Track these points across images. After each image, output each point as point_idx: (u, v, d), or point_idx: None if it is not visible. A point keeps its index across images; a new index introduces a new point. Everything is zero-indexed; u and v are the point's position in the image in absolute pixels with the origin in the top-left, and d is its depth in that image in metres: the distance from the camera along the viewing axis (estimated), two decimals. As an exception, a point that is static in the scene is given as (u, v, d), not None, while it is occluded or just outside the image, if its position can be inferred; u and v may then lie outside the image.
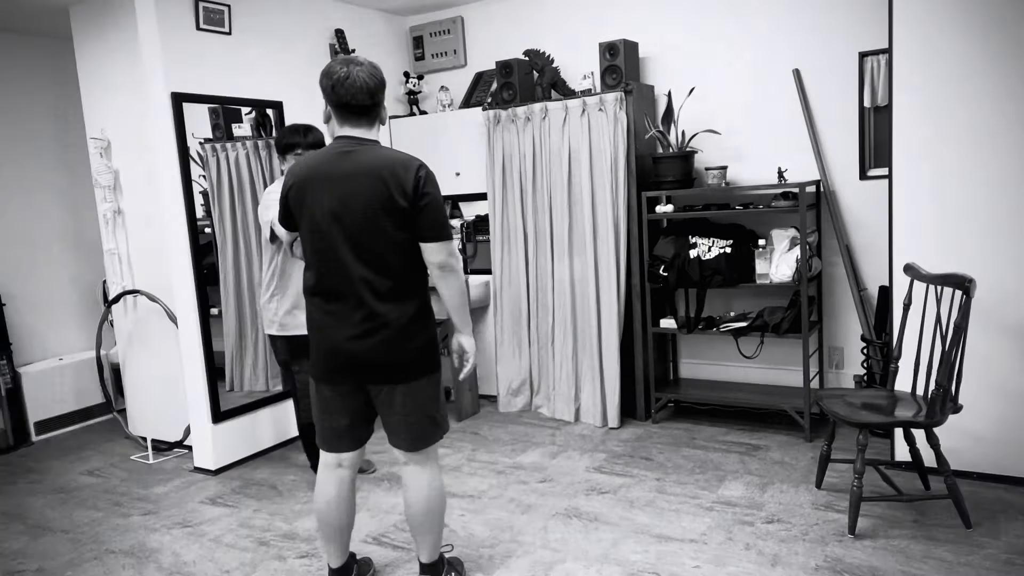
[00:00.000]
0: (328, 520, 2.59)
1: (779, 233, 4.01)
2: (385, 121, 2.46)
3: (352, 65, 2.32)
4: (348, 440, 2.55)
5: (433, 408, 2.50)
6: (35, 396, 4.84)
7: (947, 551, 2.75)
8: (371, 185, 2.28)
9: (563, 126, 4.33)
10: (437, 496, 2.56)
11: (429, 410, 2.48)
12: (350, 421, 2.52)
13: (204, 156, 4.00)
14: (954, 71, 3.13)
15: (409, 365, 2.42)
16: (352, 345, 2.39)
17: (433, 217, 2.33)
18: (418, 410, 2.46)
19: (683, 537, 2.99)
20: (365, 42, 4.92)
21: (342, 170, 2.32)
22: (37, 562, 3.17)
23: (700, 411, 4.51)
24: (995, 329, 3.17)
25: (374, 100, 2.35)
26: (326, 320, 2.42)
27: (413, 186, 2.29)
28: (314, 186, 2.35)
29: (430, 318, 2.47)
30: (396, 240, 2.33)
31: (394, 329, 2.37)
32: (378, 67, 2.38)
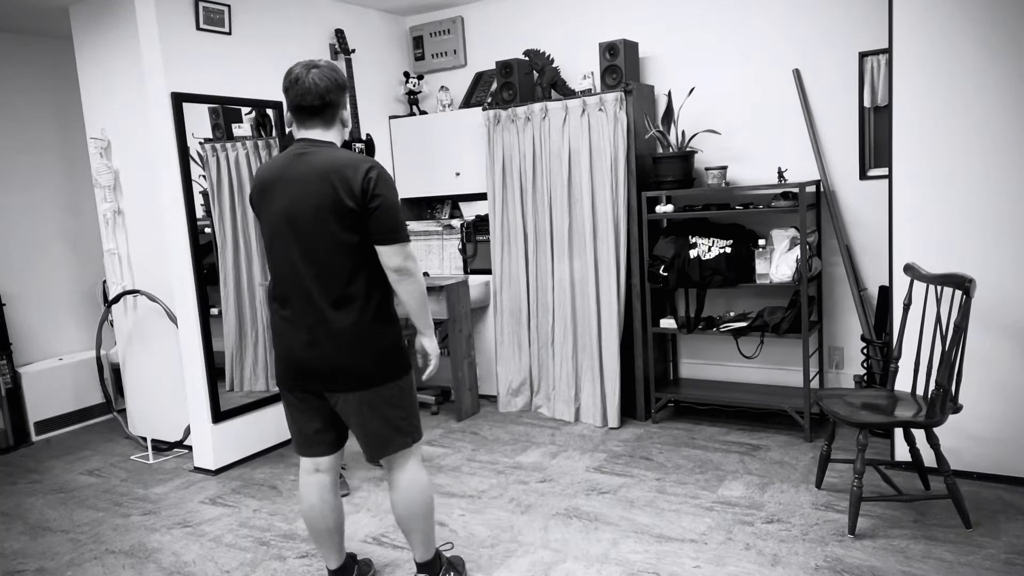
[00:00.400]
0: (315, 525, 2.58)
1: (779, 233, 4.01)
2: (347, 123, 2.41)
3: (308, 67, 2.30)
4: (320, 445, 2.52)
5: (396, 415, 2.43)
6: (35, 396, 4.85)
7: (947, 551, 2.75)
8: (320, 188, 2.23)
9: (563, 126, 4.33)
10: (417, 498, 2.50)
11: (391, 418, 2.42)
12: (320, 426, 2.49)
13: (204, 156, 4.00)
14: (954, 71, 3.13)
15: (364, 372, 2.35)
16: (304, 353, 2.35)
17: (384, 219, 2.25)
18: (377, 418, 2.40)
19: (683, 537, 2.99)
20: (365, 42, 4.93)
21: (295, 173, 2.29)
22: (37, 562, 3.17)
23: (700, 411, 4.51)
24: (995, 329, 3.17)
25: (324, 101, 2.30)
26: (282, 326, 2.40)
27: (361, 187, 2.22)
28: (271, 189, 2.34)
29: (389, 323, 2.40)
30: (347, 243, 2.27)
31: (346, 335, 2.31)
32: (336, 69, 2.35)
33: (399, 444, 2.45)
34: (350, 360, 2.33)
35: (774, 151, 4.21)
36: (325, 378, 2.37)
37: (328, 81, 2.30)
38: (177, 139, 3.83)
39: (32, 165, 5.06)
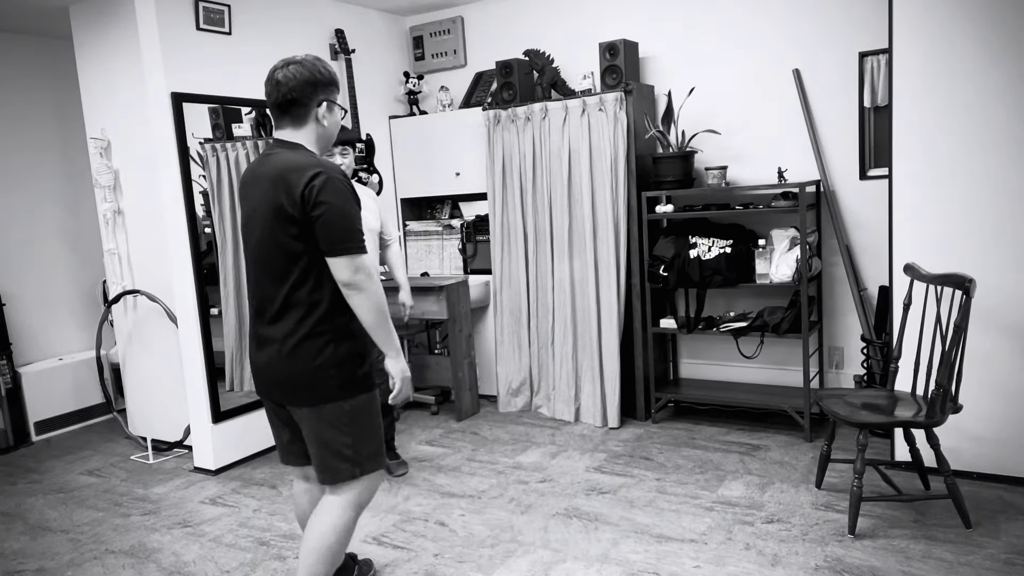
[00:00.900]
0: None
1: (779, 233, 4.01)
2: (324, 122, 2.23)
3: (285, 63, 2.19)
4: (294, 455, 2.44)
5: (340, 440, 2.23)
6: (35, 396, 4.85)
7: (947, 551, 2.75)
8: (271, 192, 2.12)
9: (563, 126, 4.33)
10: (330, 543, 2.28)
11: (332, 442, 2.23)
12: (290, 436, 2.40)
13: (204, 156, 4.00)
14: (954, 71, 3.13)
15: (301, 388, 2.20)
16: (257, 359, 2.28)
17: (328, 229, 2.08)
18: (318, 440, 2.24)
19: (683, 537, 2.99)
20: (365, 42, 4.93)
21: (258, 175, 2.20)
22: (37, 562, 3.17)
23: (700, 411, 4.51)
24: (995, 329, 3.17)
25: (289, 99, 2.17)
26: (248, 331, 2.35)
27: (302, 194, 2.07)
28: (241, 193, 2.30)
29: (339, 338, 2.18)
30: (291, 251, 2.13)
31: (285, 346, 2.17)
32: (313, 65, 2.19)
33: (345, 473, 2.26)
34: (287, 373, 2.20)
35: (774, 151, 4.21)
36: (274, 387, 2.27)
37: (295, 78, 2.16)
38: (177, 139, 3.83)
39: (32, 165, 5.06)
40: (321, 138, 2.25)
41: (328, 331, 2.17)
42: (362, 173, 4.74)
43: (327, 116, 2.23)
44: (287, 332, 2.17)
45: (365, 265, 2.13)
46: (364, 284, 2.12)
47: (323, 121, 2.23)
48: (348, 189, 2.14)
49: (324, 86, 2.20)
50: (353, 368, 2.21)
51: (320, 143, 2.26)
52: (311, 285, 2.15)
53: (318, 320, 2.16)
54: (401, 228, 5.23)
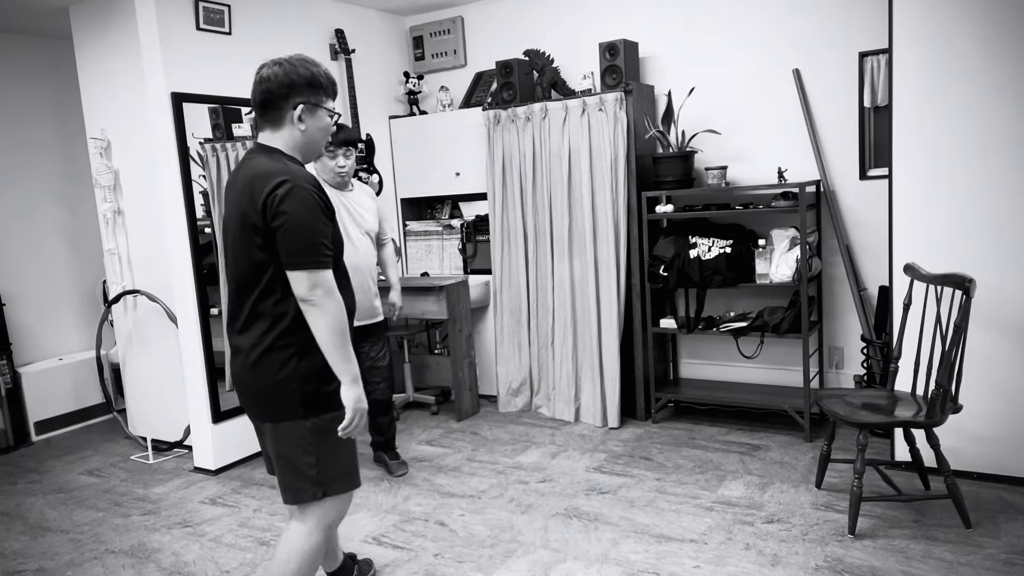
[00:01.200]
0: None
1: (779, 233, 4.01)
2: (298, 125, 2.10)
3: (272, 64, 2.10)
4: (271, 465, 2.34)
5: (303, 460, 2.12)
6: (35, 396, 4.85)
7: (947, 551, 2.75)
8: (240, 199, 2.06)
9: (563, 126, 4.33)
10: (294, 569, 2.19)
11: (294, 460, 2.13)
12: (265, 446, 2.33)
13: (204, 156, 4.00)
14: (954, 71, 3.13)
15: (262, 403, 2.13)
16: (231, 368, 2.22)
17: (287, 241, 1.99)
18: (279, 457, 2.16)
19: (683, 537, 2.99)
20: (365, 42, 4.93)
21: (234, 180, 2.13)
22: (37, 562, 3.17)
23: (700, 411, 4.51)
24: (995, 329, 3.17)
25: (265, 99, 2.08)
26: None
27: (263, 202, 1.98)
28: (224, 197, 2.24)
29: (304, 353, 2.08)
30: (257, 260, 2.05)
31: (249, 357, 2.10)
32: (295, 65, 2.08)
33: (307, 494, 2.16)
34: (250, 385, 2.14)
35: (774, 151, 4.21)
36: (241, 399, 2.21)
37: (271, 79, 2.06)
38: (177, 139, 3.83)
39: (32, 165, 5.06)
40: (302, 144, 2.14)
41: (293, 344, 2.07)
42: (362, 173, 4.74)
43: (308, 120, 2.11)
44: (252, 343, 2.09)
45: (324, 281, 2.01)
46: (321, 301, 2.01)
47: (300, 125, 2.10)
48: (315, 199, 2.02)
49: (302, 88, 2.08)
50: (318, 384, 2.09)
51: (302, 149, 2.15)
52: (277, 296, 2.06)
53: (282, 332, 2.07)
54: (401, 228, 5.23)
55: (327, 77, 2.14)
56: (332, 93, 2.16)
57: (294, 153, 2.13)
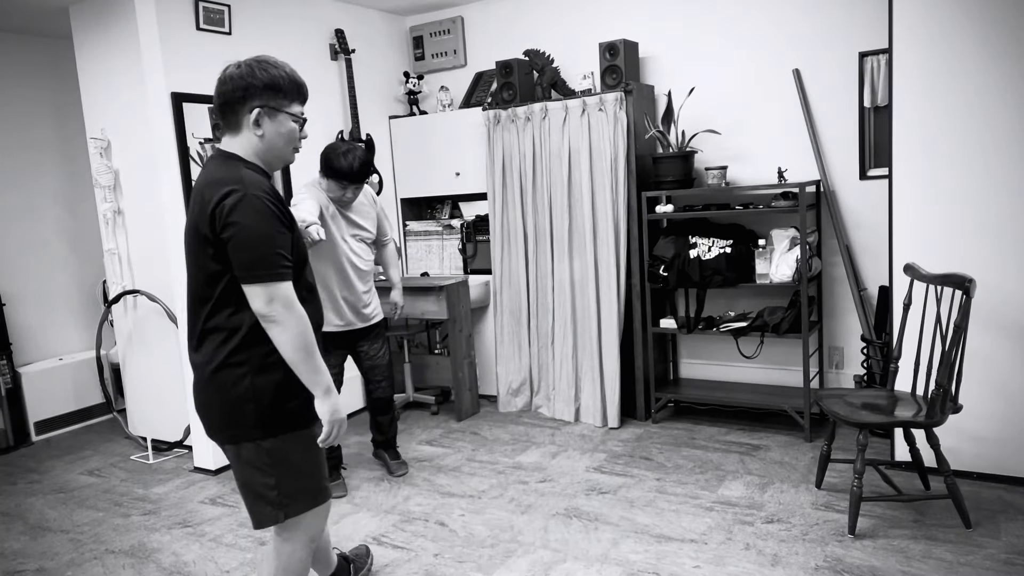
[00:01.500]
0: None
1: (779, 233, 4.01)
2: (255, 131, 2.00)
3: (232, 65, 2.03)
4: None
5: (261, 482, 2.01)
6: (35, 396, 4.85)
7: (947, 551, 2.75)
8: (193, 207, 1.96)
9: (563, 126, 4.33)
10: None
11: (252, 483, 2.03)
12: None
13: (204, 156, 4.00)
14: (954, 71, 3.13)
15: (222, 421, 2.00)
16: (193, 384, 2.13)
17: (238, 253, 1.87)
18: (239, 479, 2.06)
19: (683, 537, 2.99)
20: (365, 42, 4.93)
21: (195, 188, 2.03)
22: (37, 562, 3.17)
23: (700, 411, 4.51)
24: (995, 329, 3.17)
25: (221, 101, 2.00)
26: None
27: (211, 212, 1.88)
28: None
29: (260, 370, 1.95)
30: (211, 272, 1.94)
31: (202, 375, 2.00)
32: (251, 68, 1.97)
33: (269, 517, 2.05)
34: (205, 403, 2.03)
35: (774, 151, 4.21)
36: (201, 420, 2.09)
37: (228, 80, 1.97)
38: (177, 139, 3.83)
39: (32, 165, 5.06)
40: (262, 150, 2.01)
41: (247, 361, 1.94)
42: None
43: (266, 125, 1.98)
44: (206, 359, 1.98)
45: (282, 295, 1.89)
46: (280, 316, 1.88)
47: (257, 130, 1.98)
48: (269, 208, 1.89)
49: (259, 91, 1.96)
50: (277, 403, 1.96)
51: (262, 155, 2.02)
52: (231, 309, 1.94)
53: (236, 348, 1.94)
54: (401, 228, 5.23)
55: (290, 80, 2.00)
56: (298, 97, 2.03)
57: (255, 159, 2.01)
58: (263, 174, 2.01)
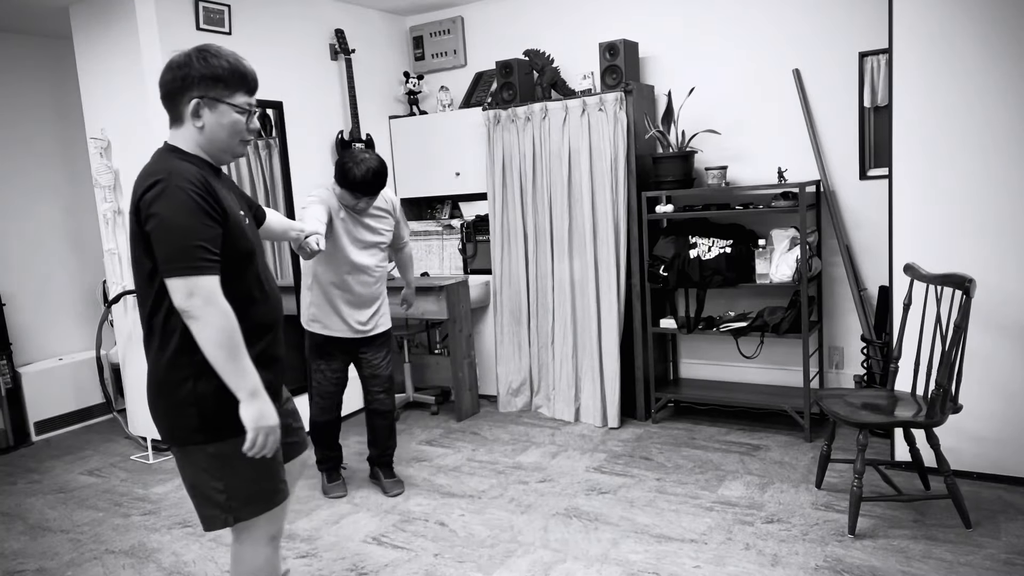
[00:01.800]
0: None
1: (779, 233, 4.01)
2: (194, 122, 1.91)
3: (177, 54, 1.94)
4: None
5: (209, 485, 1.94)
6: (35, 396, 4.84)
7: (947, 551, 2.75)
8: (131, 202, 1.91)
9: (563, 126, 4.33)
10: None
11: (199, 485, 1.96)
12: None
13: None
14: (954, 71, 3.12)
15: (167, 424, 1.93)
16: None
17: (159, 245, 1.80)
18: (188, 482, 1.98)
19: (683, 537, 2.99)
20: (365, 42, 4.93)
21: None
22: (37, 562, 3.17)
23: (700, 411, 4.51)
24: (995, 329, 3.17)
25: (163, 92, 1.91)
26: None
27: (136, 204, 1.84)
28: None
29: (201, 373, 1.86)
30: (145, 269, 1.87)
31: (150, 375, 1.93)
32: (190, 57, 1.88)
33: (218, 521, 1.98)
34: (151, 407, 1.96)
35: (774, 151, 4.21)
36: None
37: (169, 70, 1.89)
38: (177, 139, 3.82)
39: (32, 165, 5.06)
40: (204, 142, 1.93)
41: (187, 364, 1.86)
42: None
43: (207, 117, 1.90)
44: (151, 361, 1.92)
45: (202, 289, 1.78)
46: (199, 312, 1.78)
47: (196, 122, 1.90)
48: (193, 199, 1.80)
49: (198, 82, 1.87)
50: (221, 407, 1.87)
51: (205, 148, 1.94)
52: (167, 310, 1.86)
53: (176, 350, 1.87)
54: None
55: (233, 70, 1.90)
56: (242, 87, 1.93)
57: (197, 151, 1.94)
58: (207, 167, 1.94)
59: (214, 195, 1.86)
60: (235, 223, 1.91)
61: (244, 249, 1.94)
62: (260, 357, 1.94)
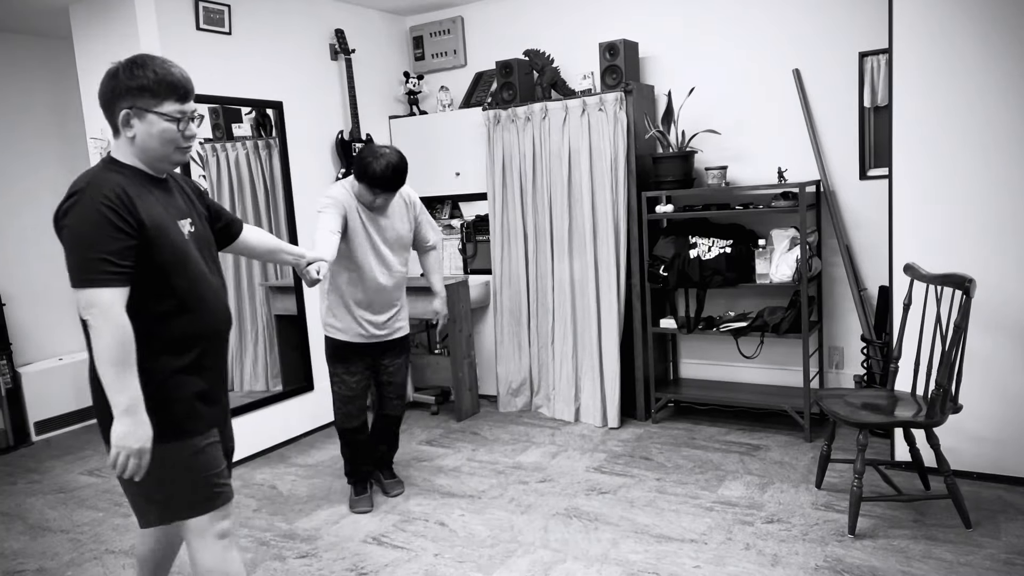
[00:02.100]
0: None
1: (779, 233, 4.01)
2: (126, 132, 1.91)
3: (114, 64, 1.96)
4: None
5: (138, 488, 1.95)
6: (35, 396, 4.84)
7: (947, 551, 2.75)
8: None
9: (563, 126, 4.33)
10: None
11: (131, 487, 1.97)
12: None
13: (204, 156, 4.00)
14: (954, 70, 3.12)
15: (101, 424, 1.94)
16: None
17: (67, 256, 1.82)
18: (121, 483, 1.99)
19: (683, 537, 2.99)
20: (365, 42, 4.93)
21: None
22: (37, 562, 3.17)
23: (700, 411, 4.51)
24: (996, 329, 3.17)
25: (100, 103, 1.93)
26: None
27: (55, 216, 1.86)
28: None
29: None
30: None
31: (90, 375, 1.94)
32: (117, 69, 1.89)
33: (154, 516, 2.01)
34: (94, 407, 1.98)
35: (774, 151, 4.21)
36: None
37: (101, 83, 1.91)
38: (177, 139, 3.82)
39: (32, 165, 5.06)
40: (138, 152, 1.93)
41: None
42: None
43: (137, 126, 1.90)
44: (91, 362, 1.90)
45: (100, 302, 1.80)
46: (95, 323, 1.80)
47: (128, 132, 1.90)
48: (101, 212, 1.80)
49: (125, 93, 1.88)
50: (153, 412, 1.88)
51: (140, 157, 1.94)
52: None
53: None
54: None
55: (159, 80, 1.89)
56: (172, 95, 1.91)
57: (134, 161, 1.95)
58: (141, 177, 1.94)
59: (130, 207, 1.85)
60: (158, 233, 1.90)
61: (170, 259, 1.93)
62: (191, 366, 1.97)
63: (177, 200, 2.05)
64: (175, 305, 1.94)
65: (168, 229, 1.94)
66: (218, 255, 2.20)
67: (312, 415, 4.58)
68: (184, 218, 2.02)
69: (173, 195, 2.04)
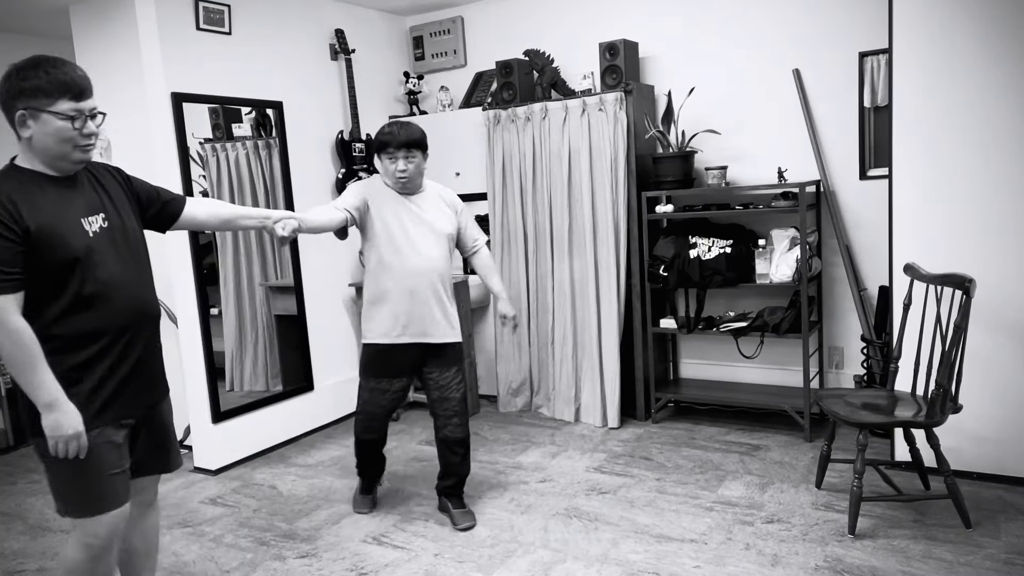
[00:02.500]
0: None
1: (779, 233, 4.01)
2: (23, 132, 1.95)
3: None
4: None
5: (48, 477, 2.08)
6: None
7: (947, 551, 2.75)
8: None
9: (563, 126, 4.33)
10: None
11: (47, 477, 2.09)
12: None
13: (204, 156, 4.00)
14: (954, 70, 3.12)
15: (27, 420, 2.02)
16: None
17: None
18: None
19: (683, 537, 2.99)
20: (365, 42, 4.93)
21: None
22: (37, 562, 3.17)
23: (700, 411, 4.51)
24: (996, 329, 3.17)
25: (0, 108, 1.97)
26: None
27: None
28: None
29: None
30: None
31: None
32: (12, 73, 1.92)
33: (59, 509, 2.08)
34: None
35: (774, 151, 4.21)
36: None
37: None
38: (177, 139, 3.83)
39: (32, 165, 5.06)
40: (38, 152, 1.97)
41: None
42: (362, 173, 4.74)
43: (34, 127, 1.93)
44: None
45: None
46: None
47: (25, 132, 1.94)
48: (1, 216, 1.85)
49: (18, 95, 1.92)
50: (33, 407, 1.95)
51: (40, 156, 1.98)
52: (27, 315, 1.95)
53: None
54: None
55: (50, 79, 1.91)
56: (66, 93, 1.93)
57: (34, 163, 1.99)
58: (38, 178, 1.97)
59: (15, 215, 1.88)
60: (49, 235, 1.92)
61: (65, 258, 1.95)
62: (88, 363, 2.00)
63: (85, 197, 2.06)
64: (71, 304, 1.97)
65: (62, 231, 1.95)
66: (142, 245, 2.20)
67: (312, 415, 4.58)
68: (93, 214, 2.05)
69: (80, 192, 2.05)
